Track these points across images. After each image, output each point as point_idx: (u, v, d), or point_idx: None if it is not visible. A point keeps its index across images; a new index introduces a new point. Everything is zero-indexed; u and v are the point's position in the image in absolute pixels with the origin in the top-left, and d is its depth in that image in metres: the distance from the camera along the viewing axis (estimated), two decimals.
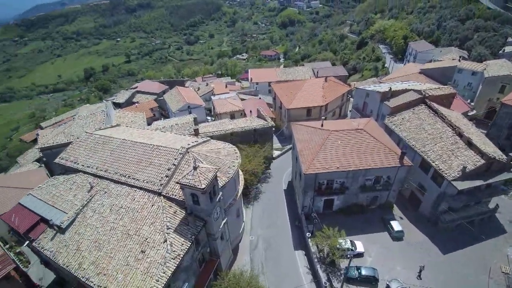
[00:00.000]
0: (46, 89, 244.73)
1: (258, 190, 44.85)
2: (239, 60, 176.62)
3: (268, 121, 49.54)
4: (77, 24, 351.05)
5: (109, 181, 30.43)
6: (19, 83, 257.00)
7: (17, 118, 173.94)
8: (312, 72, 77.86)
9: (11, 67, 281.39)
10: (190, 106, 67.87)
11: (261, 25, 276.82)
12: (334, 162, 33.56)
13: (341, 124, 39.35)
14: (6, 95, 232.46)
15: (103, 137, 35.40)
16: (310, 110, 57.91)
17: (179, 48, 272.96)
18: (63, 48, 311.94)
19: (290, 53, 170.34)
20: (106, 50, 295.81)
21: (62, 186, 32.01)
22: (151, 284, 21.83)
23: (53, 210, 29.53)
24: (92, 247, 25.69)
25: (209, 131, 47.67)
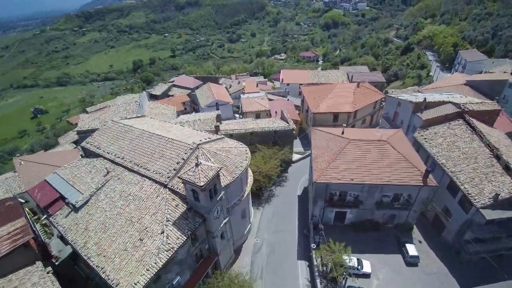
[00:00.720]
0: (98, 77, 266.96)
1: (271, 193, 44.04)
2: (276, 60, 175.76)
3: (289, 124, 48.38)
4: (130, 18, 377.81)
5: (124, 168, 31.95)
6: (75, 70, 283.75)
7: (69, 102, 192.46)
8: (346, 76, 74.48)
9: (69, 55, 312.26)
10: (218, 103, 68.92)
11: (304, 26, 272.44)
12: (349, 173, 31.56)
13: (363, 134, 36.95)
14: (62, 80, 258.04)
15: (126, 126, 37.28)
16: (337, 116, 55.36)
17: (221, 45, 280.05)
18: (117, 40, 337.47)
19: (329, 55, 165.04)
20: (154, 44, 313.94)
21: (83, 168, 34.39)
22: (142, 272, 22.42)
23: (71, 189, 31.84)
24: (98, 228, 27.14)
25: (230, 129, 47.97)
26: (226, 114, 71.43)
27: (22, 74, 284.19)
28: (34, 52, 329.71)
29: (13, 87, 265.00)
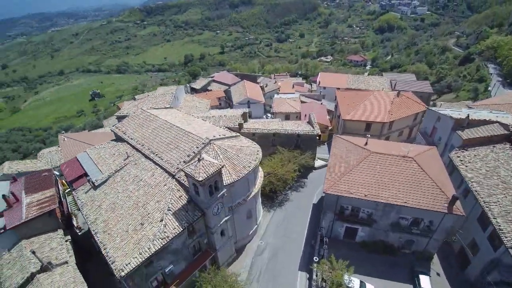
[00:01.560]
0: (153, 67, 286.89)
1: (285, 197, 42.94)
2: (321, 62, 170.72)
3: (314, 129, 46.60)
4: (187, 15, 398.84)
5: (142, 154, 33.79)
6: (133, 59, 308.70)
7: (124, 88, 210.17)
8: (389, 84, 69.31)
9: (130, 46, 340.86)
10: (250, 101, 69.39)
11: (356, 29, 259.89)
12: (364, 188, 29.26)
13: (388, 147, 33.92)
14: (121, 68, 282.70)
15: (151, 115, 39.36)
16: (370, 125, 51.82)
17: (268, 44, 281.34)
18: (173, 34, 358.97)
19: (379, 60, 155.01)
20: (206, 40, 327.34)
21: (108, 150, 37.14)
22: (135, 256, 23.44)
23: (95, 168, 34.61)
24: (109, 207, 29.10)
25: (253, 128, 47.78)
26: (257, 113, 71.69)
27: (88, 60, 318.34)
28: (99, 41, 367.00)
29: (78, 71, 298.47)
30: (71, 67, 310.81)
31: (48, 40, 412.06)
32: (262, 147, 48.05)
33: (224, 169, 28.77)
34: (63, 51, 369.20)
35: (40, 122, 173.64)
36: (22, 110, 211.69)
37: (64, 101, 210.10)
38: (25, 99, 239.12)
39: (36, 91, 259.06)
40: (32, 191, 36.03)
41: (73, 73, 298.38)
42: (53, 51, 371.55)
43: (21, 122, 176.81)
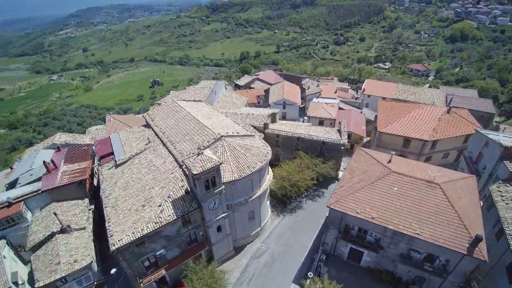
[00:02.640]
0: (211, 62, 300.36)
1: (298, 205, 41.38)
2: (378, 69, 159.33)
3: (340, 138, 43.90)
4: (249, 13, 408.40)
5: (161, 142, 35.78)
6: (194, 53, 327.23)
7: (181, 79, 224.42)
8: (444, 98, 61.61)
9: (193, 40, 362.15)
10: (286, 102, 68.32)
11: (423, 35, 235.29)
12: (374, 209, 26.59)
13: (414, 168, 30.20)
14: (183, 60, 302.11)
15: (178, 106, 41.34)
16: (409, 142, 46.90)
17: (325, 46, 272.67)
18: (233, 32, 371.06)
19: (444, 72, 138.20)
20: (263, 39, 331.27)
21: (136, 134, 40.15)
22: (128, 234, 24.97)
23: (121, 149, 37.70)
24: (122, 186, 31.49)
25: (278, 129, 47.07)
26: (292, 115, 70.32)
27: (155, 51, 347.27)
28: (168, 33, 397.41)
29: (146, 60, 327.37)
30: (140, 56, 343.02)
31: (124, 29, 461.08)
32: (285, 150, 47.77)
33: (228, 167, 28.93)
34: (135, 40, 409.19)
35: (106, 102, 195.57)
36: (94, 90, 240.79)
37: (129, 86, 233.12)
38: (98, 81, 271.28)
39: (108, 74, 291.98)
40: (70, 161, 40.83)
41: (142, 62, 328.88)
42: (127, 40, 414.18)
43: (91, 100, 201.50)
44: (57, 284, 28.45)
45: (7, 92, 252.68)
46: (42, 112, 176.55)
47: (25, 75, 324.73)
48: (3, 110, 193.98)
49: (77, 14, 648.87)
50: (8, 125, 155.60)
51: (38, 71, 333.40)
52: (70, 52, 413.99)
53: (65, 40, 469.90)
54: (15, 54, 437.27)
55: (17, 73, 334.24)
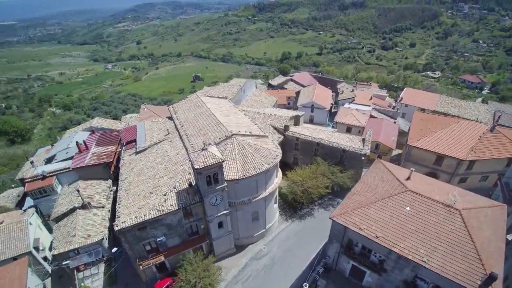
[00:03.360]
0: (252, 60, 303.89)
1: (309, 212, 40.16)
2: (425, 78, 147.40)
3: (363, 147, 41.60)
4: (295, 13, 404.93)
5: (178, 134, 37.15)
6: (238, 51, 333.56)
7: (221, 76, 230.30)
8: (491, 115, 55.02)
9: (238, 38, 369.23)
10: (314, 105, 66.47)
11: (482, 45, 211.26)
12: (379, 228, 24.75)
13: (435, 189, 27.45)
14: (226, 58, 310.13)
15: (200, 102, 42.55)
16: (443, 159, 42.81)
17: (371, 50, 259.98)
18: (277, 31, 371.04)
19: (501, 86, 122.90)
20: (307, 40, 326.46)
21: (158, 125, 42.22)
22: (131, 217, 26.37)
23: (143, 137, 39.92)
24: (137, 172, 33.41)
25: (298, 132, 46.12)
26: (320, 119, 68.26)
27: (201, 47, 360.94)
28: (214, 31, 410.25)
29: (192, 55, 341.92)
30: (187, 51, 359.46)
31: (175, 25, 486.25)
32: (304, 155, 46.66)
33: (234, 165, 29.06)
34: (184, 36, 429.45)
35: (151, 93, 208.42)
36: (142, 81, 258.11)
37: (173, 79, 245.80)
38: (147, 72, 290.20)
39: (157, 67, 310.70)
40: (100, 144, 44.28)
41: (188, 57, 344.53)
42: (177, 35, 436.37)
43: (138, 89, 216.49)
44: (69, 254, 31.12)
45: (67, 76, 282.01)
46: (94, 97, 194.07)
47: (84, 62, 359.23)
48: (61, 92, 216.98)
49: (134, 8, 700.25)
50: (63, 106, 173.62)
51: (95, 60, 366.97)
52: (125, 43, 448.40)
53: (122, 33, 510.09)
54: (77, 42, 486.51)
55: (77, 60, 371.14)
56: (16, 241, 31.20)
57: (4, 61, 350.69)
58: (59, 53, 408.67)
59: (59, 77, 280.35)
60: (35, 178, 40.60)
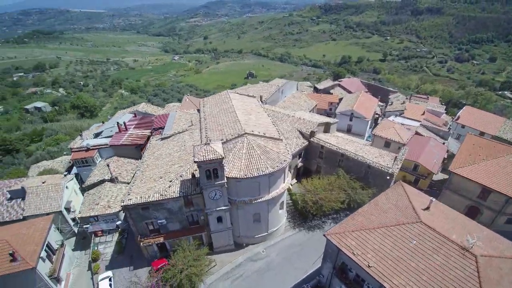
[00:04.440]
0: (309, 62, 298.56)
1: (319, 224, 38.28)
2: (501, 98, 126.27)
3: (390, 166, 37.95)
4: (362, 16, 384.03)
5: (199, 126, 38.72)
6: (297, 52, 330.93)
7: (274, 75, 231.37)
8: None
9: (299, 39, 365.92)
10: (353, 114, 62.56)
11: None
12: (376, 256, 22.41)
13: (456, 226, 23.70)
14: (283, 57, 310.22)
15: (227, 98, 43.53)
16: (489, 193, 36.71)
17: (442, 61, 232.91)
18: (340, 34, 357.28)
19: None
20: (370, 45, 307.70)
21: (187, 116, 44.57)
22: (137, 196, 28.48)
23: (170, 126, 42.61)
24: (156, 156, 36.00)
25: (323, 140, 44.18)
26: (359, 129, 64.15)
27: (262, 46, 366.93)
28: (277, 30, 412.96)
29: (252, 53, 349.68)
30: (248, 48, 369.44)
31: (241, 23, 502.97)
32: (328, 164, 44.63)
33: (238, 163, 29.26)
34: (247, 34, 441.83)
35: (207, 85, 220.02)
36: (202, 73, 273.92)
37: (230, 74, 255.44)
38: (208, 66, 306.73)
39: (218, 61, 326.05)
40: (138, 127, 48.57)
41: (247, 54, 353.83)
42: (241, 33, 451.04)
43: (196, 81, 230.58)
44: (90, 220, 35.06)
45: (139, 63, 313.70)
46: (157, 85, 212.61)
47: (156, 52, 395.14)
48: (132, 77, 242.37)
49: (207, 5, 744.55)
50: (130, 89, 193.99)
51: (166, 50, 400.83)
52: (194, 38, 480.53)
53: (192, 27, 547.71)
54: (153, 33, 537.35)
55: (151, 49, 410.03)
56: (51, 200, 36.28)
57: (90, 45, 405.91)
58: (136, 42, 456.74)
59: (133, 64, 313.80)
60: (80, 149, 46.49)
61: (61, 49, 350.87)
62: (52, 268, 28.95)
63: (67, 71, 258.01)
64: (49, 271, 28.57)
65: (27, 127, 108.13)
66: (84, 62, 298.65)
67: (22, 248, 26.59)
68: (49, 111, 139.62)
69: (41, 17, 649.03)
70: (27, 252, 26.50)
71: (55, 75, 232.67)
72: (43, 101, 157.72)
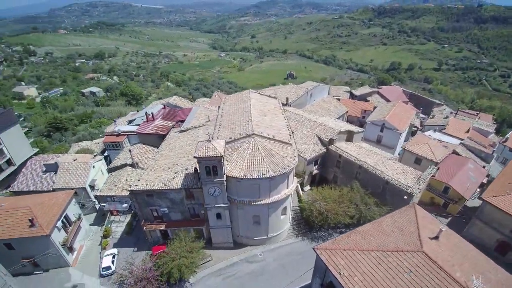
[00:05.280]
0: (355, 66, 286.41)
1: (325, 236, 36.65)
2: None
3: (410, 185, 34.90)
4: (418, 21, 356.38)
5: (215, 122, 39.48)
6: (343, 55, 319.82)
7: (315, 77, 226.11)
8: None
9: (346, 42, 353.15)
10: (385, 124, 58.47)
11: None
12: (363, 281, 20.79)
13: (464, 262, 20.97)
14: (328, 60, 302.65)
15: (247, 97, 43.66)
16: None
17: (504, 75, 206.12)
18: (392, 39, 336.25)
19: None
20: (425, 52, 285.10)
21: (206, 112, 45.78)
22: (144, 183, 30.09)
23: (190, 120, 44.23)
24: (171, 148, 37.78)
25: (343, 149, 42.28)
26: (389, 141, 59.90)
27: (307, 47, 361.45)
28: (324, 32, 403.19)
29: (296, 54, 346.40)
30: (293, 49, 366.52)
31: (289, 23, 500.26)
32: (344, 174, 42.82)
33: (240, 163, 29.31)
34: (295, 35, 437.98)
35: (246, 83, 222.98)
36: (244, 71, 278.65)
37: (270, 74, 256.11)
38: (251, 64, 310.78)
39: (261, 60, 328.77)
40: (164, 118, 51.20)
41: (292, 54, 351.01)
42: (288, 33, 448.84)
43: (237, 78, 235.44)
44: (107, 199, 37.95)
45: (187, 58, 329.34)
46: (200, 79, 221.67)
47: (205, 48, 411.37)
48: (179, 71, 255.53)
49: (258, 4, 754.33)
50: (176, 82, 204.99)
51: (214, 47, 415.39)
52: (242, 36, 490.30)
53: (242, 26, 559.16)
54: (204, 30, 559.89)
55: (201, 46, 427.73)
56: (78, 177, 40.04)
57: (146, 38, 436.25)
58: (188, 38, 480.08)
59: (182, 58, 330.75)
60: (112, 133, 50.50)
61: (120, 40, 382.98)
62: (65, 238, 31.99)
63: (123, 61, 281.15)
64: (63, 240, 31.61)
65: (79, 109, 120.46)
66: (139, 54, 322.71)
67: (41, 216, 29.82)
68: (101, 96, 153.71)
69: (107, 9, 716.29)
70: (44, 220, 29.65)
71: (112, 63, 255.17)
72: (98, 86, 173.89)
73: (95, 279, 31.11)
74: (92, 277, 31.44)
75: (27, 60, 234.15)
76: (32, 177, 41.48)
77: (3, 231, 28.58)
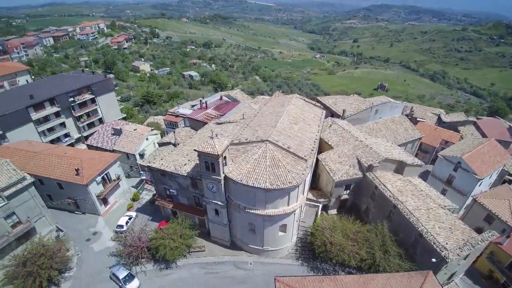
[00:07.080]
0: (470, 88, 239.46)
1: (328, 270, 32.88)
2: None
3: (447, 248, 27.90)
4: None
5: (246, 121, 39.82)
6: (456, 72, 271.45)
7: (410, 92, 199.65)
8: None
9: (465, 58, 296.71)
10: (461, 164, 47.22)
11: None
12: None
13: None
14: (435, 76, 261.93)
15: (288, 102, 42.31)
16: None
17: None
18: None
19: None
20: None
21: (246, 110, 46.33)
22: (160, 162, 33.21)
23: (231, 114, 45.90)
24: (200, 137, 39.73)
25: (380, 180, 36.82)
26: (463, 186, 49.32)
27: (413, 58, 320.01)
28: (440, 44, 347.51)
29: (399, 64, 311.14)
30: (397, 58, 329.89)
31: (399, 30, 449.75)
32: (377, 209, 37.80)
33: (243, 166, 28.94)
34: (403, 43, 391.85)
35: (331, 88, 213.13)
36: (334, 75, 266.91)
37: (361, 82, 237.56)
38: (344, 69, 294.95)
39: (357, 66, 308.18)
40: (216, 109, 54.52)
41: (394, 64, 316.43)
42: (395, 40, 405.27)
43: (323, 82, 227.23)
44: (145, 169, 43.20)
45: (282, 56, 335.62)
46: (286, 77, 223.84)
47: (302, 47, 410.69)
48: (270, 67, 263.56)
49: (369, 8, 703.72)
50: (262, 77, 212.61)
51: (312, 48, 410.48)
52: (343, 39, 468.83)
53: (346, 29, 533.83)
54: (307, 30, 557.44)
55: (299, 45, 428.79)
56: (132, 144, 46.89)
57: (251, 33, 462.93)
58: (289, 36, 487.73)
59: (277, 55, 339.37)
60: (172, 113, 56.68)
61: (228, 33, 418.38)
62: (101, 191, 38.24)
63: (225, 51, 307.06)
64: (99, 192, 37.89)
65: (174, 88, 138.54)
66: (240, 47, 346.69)
67: (86, 169, 36.44)
68: (196, 80, 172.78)
69: (225, 4, 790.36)
70: (87, 173, 36.15)
71: (215, 53, 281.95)
72: (197, 71, 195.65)
73: (110, 232, 36.35)
74: (110, 229, 36.82)
75: (151, 41, 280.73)
76: (103, 136, 50.68)
77: (59, 173, 36.22)
